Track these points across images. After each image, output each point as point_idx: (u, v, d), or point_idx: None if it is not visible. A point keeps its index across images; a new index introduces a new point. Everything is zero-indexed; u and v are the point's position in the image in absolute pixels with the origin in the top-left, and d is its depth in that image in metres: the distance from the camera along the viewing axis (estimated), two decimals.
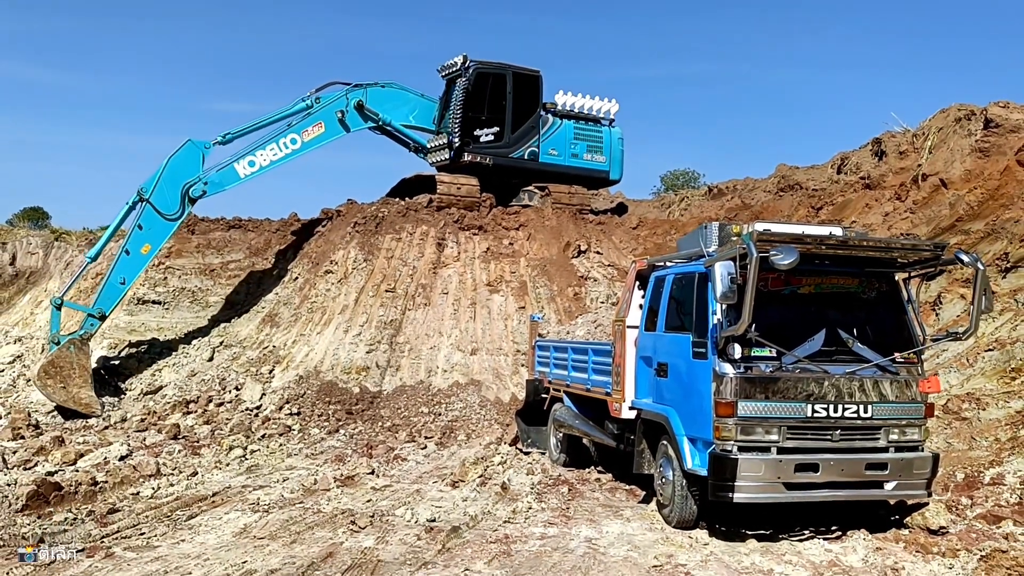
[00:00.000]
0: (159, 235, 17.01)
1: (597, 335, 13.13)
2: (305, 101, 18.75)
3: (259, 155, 17.97)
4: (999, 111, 14.43)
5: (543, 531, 8.53)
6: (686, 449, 8.39)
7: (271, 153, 18.07)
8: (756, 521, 8.59)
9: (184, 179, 17.02)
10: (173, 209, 16.95)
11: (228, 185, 17.78)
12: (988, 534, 7.98)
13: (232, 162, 17.77)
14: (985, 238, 13.35)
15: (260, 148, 18.00)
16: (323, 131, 18.71)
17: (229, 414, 15.12)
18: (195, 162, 17.23)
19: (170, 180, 16.88)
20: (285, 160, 18.29)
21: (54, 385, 15.44)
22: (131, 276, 16.97)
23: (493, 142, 19.90)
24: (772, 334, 7.95)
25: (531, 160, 20.39)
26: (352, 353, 16.77)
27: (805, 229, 8.79)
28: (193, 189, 17.12)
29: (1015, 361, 11.22)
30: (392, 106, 20.05)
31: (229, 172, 17.75)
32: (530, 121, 20.27)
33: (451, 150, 19.56)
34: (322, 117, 18.71)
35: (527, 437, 13.20)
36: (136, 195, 16.67)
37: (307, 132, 18.49)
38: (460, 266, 18.58)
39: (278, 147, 18.14)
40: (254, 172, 17.95)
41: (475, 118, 19.62)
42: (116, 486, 10.39)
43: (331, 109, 18.84)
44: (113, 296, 16.70)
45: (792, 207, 19.37)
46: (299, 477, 11.16)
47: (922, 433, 8.40)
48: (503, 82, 19.85)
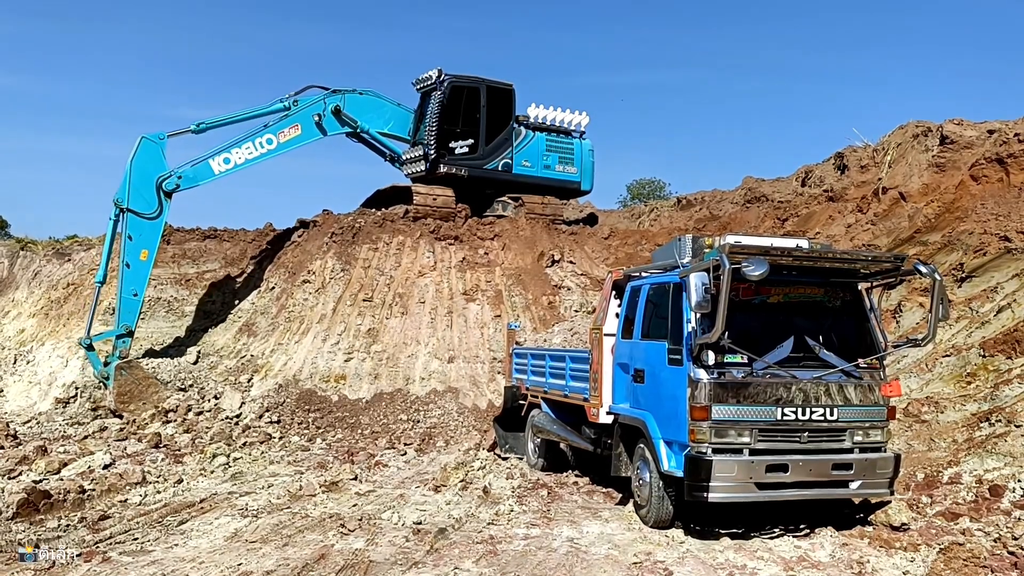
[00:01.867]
0: (150, 238, 17.14)
1: (573, 343, 13.54)
2: (283, 102, 18.99)
3: (234, 152, 18.14)
4: (954, 128, 15.12)
5: (526, 532, 8.86)
6: (662, 452, 8.77)
7: (246, 152, 18.25)
8: (729, 520, 8.99)
9: (153, 176, 17.16)
10: (152, 207, 17.08)
11: (202, 180, 17.90)
12: (947, 530, 8.46)
13: (207, 158, 17.89)
14: (942, 249, 13.95)
15: (236, 146, 18.18)
16: (299, 133, 18.95)
17: (209, 423, 15.26)
18: (157, 157, 17.34)
19: (139, 181, 17.01)
20: (260, 159, 18.49)
21: (138, 407, 15.99)
22: (140, 286, 17.11)
23: (468, 154, 20.26)
24: (743, 341, 8.36)
25: (505, 171, 20.80)
26: (330, 362, 16.98)
27: (773, 241, 9.26)
28: (166, 183, 17.23)
29: (970, 366, 11.78)
30: (369, 114, 20.36)
31: (203, 168, 17.88)
32: (503, 133, 20.67)
33: (427, 162, 19.89)
34: (299, 119, 18.95)
35: (505, 443, 13.52)
36: (115, 207, 16.82)
37: (283, 133, 18.73)
38: (436, 275, 18.87)
39: (253, 146, 18.33)
40: (228, 169, 18.12)
41: (450, 130, 19.96)
42: (104, 494, 10.52)
43: (308, 112, 19.09)
44: (132, 310, 16.95)
45: (759, 218, 19.97)
46: (284, 483, 11.37)
47: (884, 435, 8.86)
48: (477, 95, 20.22)
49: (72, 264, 25.29)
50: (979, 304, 12.65)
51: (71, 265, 25.25)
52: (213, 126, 18.30)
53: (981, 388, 11.31)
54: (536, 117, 21.48)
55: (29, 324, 23.39)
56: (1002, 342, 11.58)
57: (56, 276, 25.24)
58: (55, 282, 24.82)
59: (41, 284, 25.65)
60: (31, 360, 20.41)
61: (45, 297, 24.34)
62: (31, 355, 20.69)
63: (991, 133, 14.78)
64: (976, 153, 14.68)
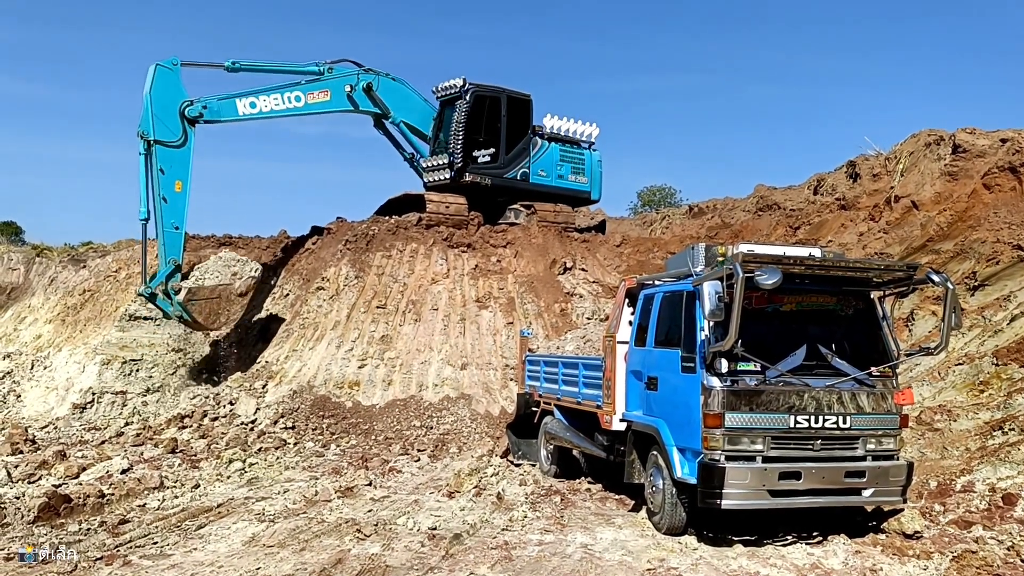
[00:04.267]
0: (181, 168, 17.05)
1: (586, 350, 13.60)
2: (317, 67, 19.16)
3: (261, 99, 18.23)
4: (966, 137, 15.15)
5: (540, 538, 8.93)
6: (676, 459, 8.83)
7: (273, 102, 18.35)
8: (742, 527, 9.03)
9: (174, 103, 17.03)
10: (178, 135, 16.99)
11: (226, 117, 17.92)
12: (960, 538, 8.48)
13: (234, 96, 17.93)
14: (954, 258, 13.96)
15: (264, 93, 18.26)
16: (327, 99, 19.10)
17: (224, 428, 15.41)
18: (174, 83, 17.21)
19: (161, 110, 16.86)
20: (285, 114, 18.61)
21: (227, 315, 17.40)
22: (180, 218, 17.04)
23: (490, 163, 20.55)
24: (756, 349, 8.41)
25: (522, 181, 21.11)
26: (344, 368, 17.12)
27: (786, 250, 9.31)
28: (189, 110, 17.15)
29: (983, 374, 11.80)
30: (398, 102, 20.58)
31: (229, 105, 17.92)
32: (522, 143, 21.00)
33: (452, 170, 20.11)
34: (330, 86, 19.13)
35: (518, 449, 13.60)
36: (142, 142, 16.70)
37: (312, 95, 18.88)
38: (449, 282, 19.00)
39: (282, 99, 18.44)
40: (253, 114, 18.18)
41: (474, 139, 20.24)
42: (123, 498, 10.67)
43: (341, 82, 19.28)
44: (176, 243, 16.93)
45: (771, 226, 20.01)
46: (299, 488, 11.48)
47: (897, 443, 8.90)
48: (498, 105, 20.52)
49: (88, 271, 25.57)
50: (992, 313, 12.67)
51: (87, 271, 25.54)
52: (247, 68, 18.33)
53: (994, 397, 11.32)
54: (551, 127, 21.81)
55: (46, 330, 23.68)
56: (1015, 351, 11.60)
57: (72, 282, 25.53)
58: (71, 288, 25.11)
59: (57, 290, 25.95)
60: (48, 366, 20.66)
61: (61, 303, 24.63)
62: (48, 360, 20.94)
63: (1004, 142, 14.79)
64: (988, 162, 14.70)
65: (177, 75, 17.29)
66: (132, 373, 18.18)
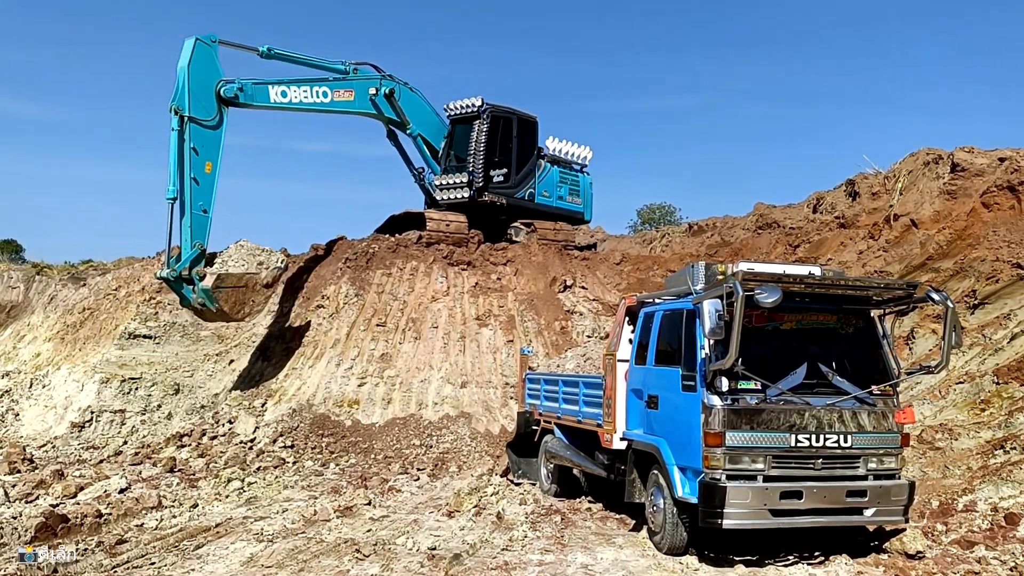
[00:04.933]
0: (212, 149, 16.59)
1: (586, 368, 13.58)
2: (343, 65, 19.17)
3: (292, 90, 18.10)
4: (965, 156, 15.20)
5: (540, 558, 8.88)
6: (676, 478, 8.79)
7: (303, 93, 18.21)
8: (743, 547, 8.98)
9: (211, 81, 16.60)
10: (212, 115, 16.54)
11: (258, 102, 17.58)
12: (962, 558, 8.44)
13: (268, 83, 17.73)
14: (954, 276, 13.97)
15: (295, 84, 18.12)
16: (351, 99, 19.04)
17: (223, 447, 15.34)
18: (212, 61, 16.74)
19: (197, 86, 16.35)
20: (310, 107, 18.50)
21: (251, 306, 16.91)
22: (208, 201, 16.45)
23: (503, 183, 20.83)
24: (757, 368, 8.40)
25: (529, 201, 21.48)
26: (344, 386, 17.07)
27: (786, 268, 9.31)
28: (226, 89, 16.75)
29: (984, 393, 11.77)
30: (416, 113, 20.59)
31: (263, 91, 17.67)
32: (529, 164, 21.41)
33: (471, 189, 20.27)
34: (355, 87, 19.13)
35: (518, 468, 13.54)
36: (175, 118, 16.07)
37: (338, 93, 18.85)
38: (449, 300, 19.00)
39: (310, 92, 18.34)
40: (282, 103, 18.01)
41: (491, 159, 20.52)
42: (120, 518, 10.61)
43: (366, 84, 19.29)
44: (202, 227, 16.38)
45: (770, 244, 20.04)
46: (298, 508, 11.42)
47: (899, 462, 8.86)
48: (511, 126, 20.87)
49: (87, 289, 25.60)
50: (992, 331, 12.66)
51: (86, 290, 25.56)
52: (280, 57, 18.18)
53: (995, 415, 11.29)
54: (553, 149, 22.33)
55: (45, 348, 23.65)
56: (1016, 369, 11.58)
57: (71, 300, 25.55)
58: (71, 307, 25.12)
59: (57, 308, 25.96)
60: (47, 384, 20.62)
61: (61, 321, 24.62)
62: (47, 379, 20.90)
63: (1002, 161, 14.84)
64: (987, 180, 14.75)
65: (215, 52, 16.83)
66: (131, 391, 18.18)
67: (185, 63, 16.24)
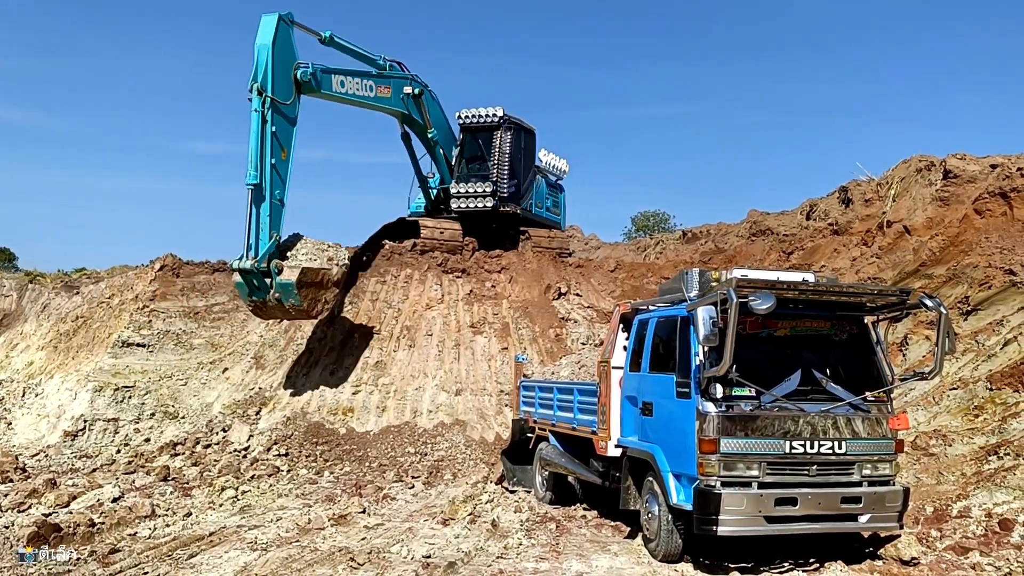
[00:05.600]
0: (288, 136, 15.66)
1: (581, 375, 13.57)
2: (385, 60, 18.72)
3: (349, 81, 17.36)
4: (957, 163, 15.27)
5: (535, 566, 8.86)
6: (671, 485, 8.78)
7: (356, 85, 17.52)
8: (738, 554, 8.97)
9: (289, 63, 15.61)
10: (290, 98, 15.60)
11: (324, 90, 16.56)
12: (957, 564, 8.44)
13: (332, 71, 16.91)
14: (947, 282, 14.02)
15: (351, 75, 17.49)
16: (388, 96, 18.52)
17: (217, 455, 15.29)
18: (290, 41, 15.77)
19: (278, 67, 15.33)
20: (359, 100, 17.80)
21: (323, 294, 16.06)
22: (283, 191, 15.57)
23: (515, 194, 21.03)
24: (751, 375, 8.40)
25: (527, 211, 21.65)
26: (338, 394, 17.04)
27: (779, 275, 9.30)
28: (301, 72, 15.79)
29: (977, 399, 11.80)
30: (435, 117, 20.35)
31: (328, 79, 16.68)
32: (531, 175, 21.68)
33: (495, 199, 20.42)
34: (392, 84, 18.62)
35: (513, 476, 13.52)
36: (258, 99, 15.01)
37: (380, 89, 18.32)
38: (444, 308, 18.98)
39: (361, 85, 17.71)
40: (339, 94, 17.07)
41: (513, 170, 20.78)
42: (113, 527, 10.56)
43: (401, 82, 18.89)
44: (279, 217, 15.45)
45: (764, 251, 20.08)
46: (292, 516, 11.39)
47: (893, 468, 8.87)
48: (521, 136, 21.03)
49: (81, 297, 25.51)
50: (985, 337, 12.70)
51: (80, 298, 25.47)
52: (337, 45, 17.58)
53: (989, 421, 11.32)
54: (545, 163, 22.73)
55: (38, 357, 23.56)
56: (1009, 375, 11.61)
57: (65, 309, 25.46)
58: (64, 315, 25.03)
59: (50, 317, 25.87)
60: (40, 393, 20.53)
61: (54, 330, 24.53)
62: (40, 388, 20.81)
63: (994, 167, 14.91)
64: (979, 187, 14.81)
65: (292, 33, 15.83)
66: (124, 400, 18.12)
67: (268, 41, 15.17)
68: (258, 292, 15.37)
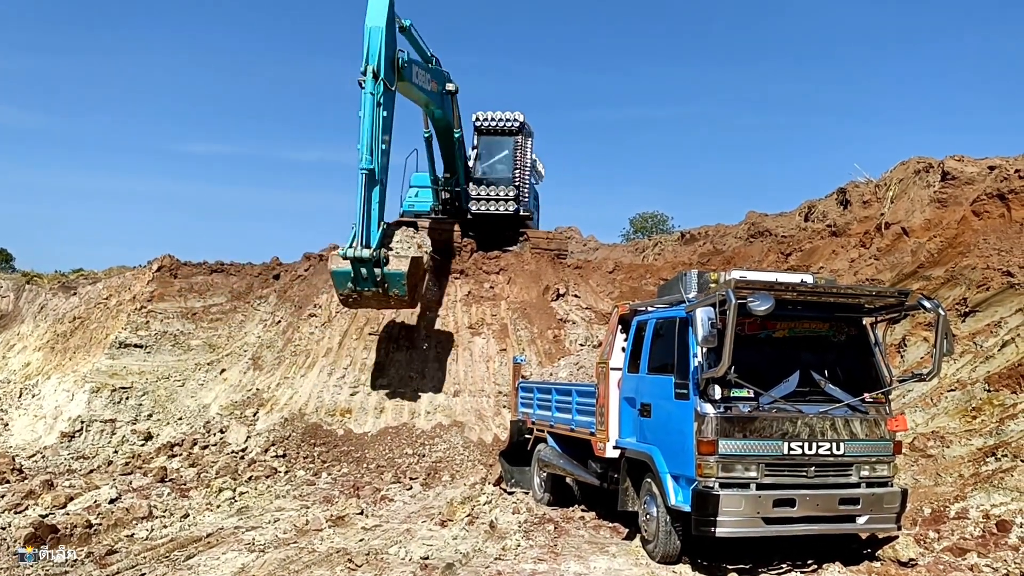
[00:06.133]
0: (389, 124, 15.04)
1: (579, 377, 13.55)
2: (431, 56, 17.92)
3: (420, 72, 16.72)
4: (955, 164, 15.28)
5: (533, 567, 8.84)
6: (670, 486, 8.77)
7: (423, 77, 16.90)
8: (736, 555, 8.96)
9: (392, 48, 15.03)
10: (393, 83, 15.01)
11: (408, 78, 15.80)
12: (954, 565, 8.44)
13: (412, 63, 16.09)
14: (945, 284, 14.02)
15: (421, 67, 16.76)
16: (435, 91, 17.85)
17: (215, 457, 15.27)
18: (393, 26, 15.17)
19: (387, 51, 14.76)
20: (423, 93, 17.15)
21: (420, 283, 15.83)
22: (385, 176, 14.98)
23: (524, 196, 21.36)
24: (749, 376, 8.38)
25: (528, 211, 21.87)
26: (336, 395, 17.02)
27: (778, 276, 9.29)
28: (402, 58, 15.31)
29: (975, 401, 11.81)
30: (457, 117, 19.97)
31: (412, 69, 16.07)
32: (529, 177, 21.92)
33: (517, 203, 20.74)
34: (436, 76, 17.93)
35: (511, 477, 13.51)
36: (372, 81, 14.47)
37: (433, 83, 17.66)
38: (442, 309, 18.97)
39: (426, 77, 17.07)
40: (416, 84, 16.43)
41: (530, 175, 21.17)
42: (110, 528, 10.53)
43: (444, 78, 18.32)
44: (383, 204, 14.90)
45: (762, 253, 20.07)
46: (290, 518, 11.37)
47: (891, 469, 8.85)
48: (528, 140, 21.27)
49: (78, 298, 25.46)
50: (983, 339, 12.70)
51: (77, 299, 25.43)
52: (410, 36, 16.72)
53: (987, 423, 11.32)
54: None
55: (35, 358, 23.52)
56: (1007, 376, 11.61)
57: (62, 310, 25.41)
58: (61, 316, 24.99)
59: (47, 318, 25.82)
60: (36, 394, 20.50)
61: (51, 331, 24.49)
62: (36, 389, 20.78)
63: (992, 169, 14.92)
64: (977, 189, 14.82)
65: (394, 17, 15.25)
66: (122, 401, 18.09)
67: (382, 23, 14.56)
68: (364, 282, 14.69)
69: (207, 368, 19.10)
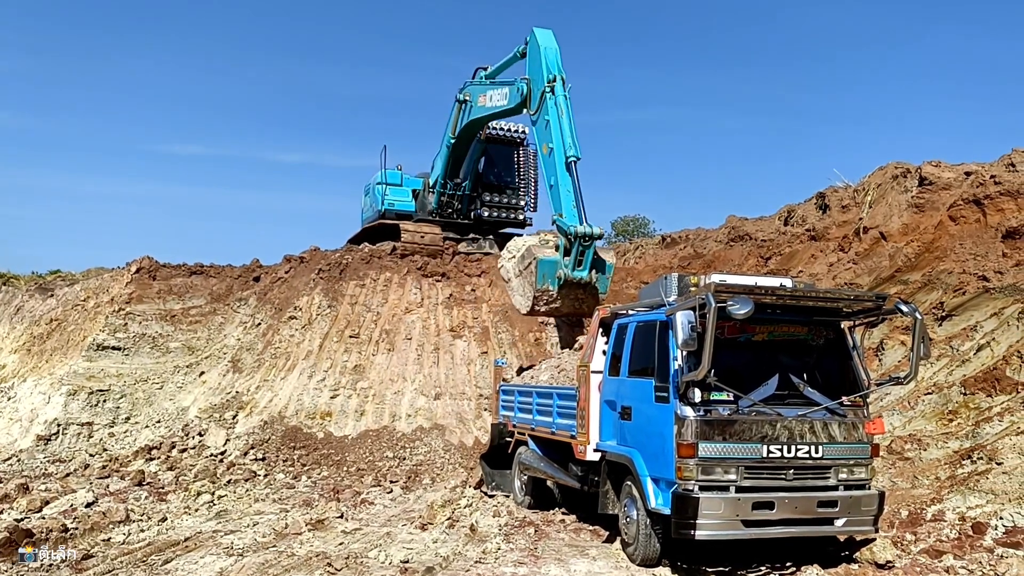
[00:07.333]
0: None
1: (560, 380, 13.56)
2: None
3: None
4: (932, 170, 15.45)
5: (513, 571, 8.83)
6: (649, 489, 8.79)
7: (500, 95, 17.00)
8: (716, 557, 9.01)
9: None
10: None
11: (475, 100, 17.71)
12: (931, 567, 8.51)
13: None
14: (922, 288, 14.17)
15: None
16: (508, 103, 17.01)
17: (193, 460, 15.15)
18: None
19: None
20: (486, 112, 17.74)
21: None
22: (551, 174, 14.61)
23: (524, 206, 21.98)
24: (729, 379, 8.42)
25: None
26: (316, 398, 16.94)
27: (757, 280, 9.37)
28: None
29: (952, 404, 11.93)
30: None
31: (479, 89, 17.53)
32: None
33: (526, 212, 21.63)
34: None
35: (492, 480, 13.49)
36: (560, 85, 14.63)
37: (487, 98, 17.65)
38: (423, 312, 18.94)
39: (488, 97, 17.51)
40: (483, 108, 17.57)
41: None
42: (87, 532, 10.42)
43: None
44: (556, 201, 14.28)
45: (742, 256, 20.18)
46: (269, 521, 11.29)
47: (869, 472, 8.92)
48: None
49: (55, 299, 25.21)
50: (959, 342, 12.84)
51: (54, 300, 25.17)
52: None
53: (963, 426, 11.44)
54: None
55: (11, 360, 23.24)
56: (982, 380, 11.75)
57: (39, 311, 25.13)
58: (37, 317, 24.72)
59: (23, 319, 25.52)
60: (12, 396, 20.24)
61: (27, 333, 24.22)
62: (12, 391, 20.52)
63: (968, 175, 15.11)
64: (954, 194, 14.99)
65: None
66: (99, 404, 17.91)
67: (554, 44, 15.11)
68: (579, 269, 13.74)
69: (186, 371, 18.96)
